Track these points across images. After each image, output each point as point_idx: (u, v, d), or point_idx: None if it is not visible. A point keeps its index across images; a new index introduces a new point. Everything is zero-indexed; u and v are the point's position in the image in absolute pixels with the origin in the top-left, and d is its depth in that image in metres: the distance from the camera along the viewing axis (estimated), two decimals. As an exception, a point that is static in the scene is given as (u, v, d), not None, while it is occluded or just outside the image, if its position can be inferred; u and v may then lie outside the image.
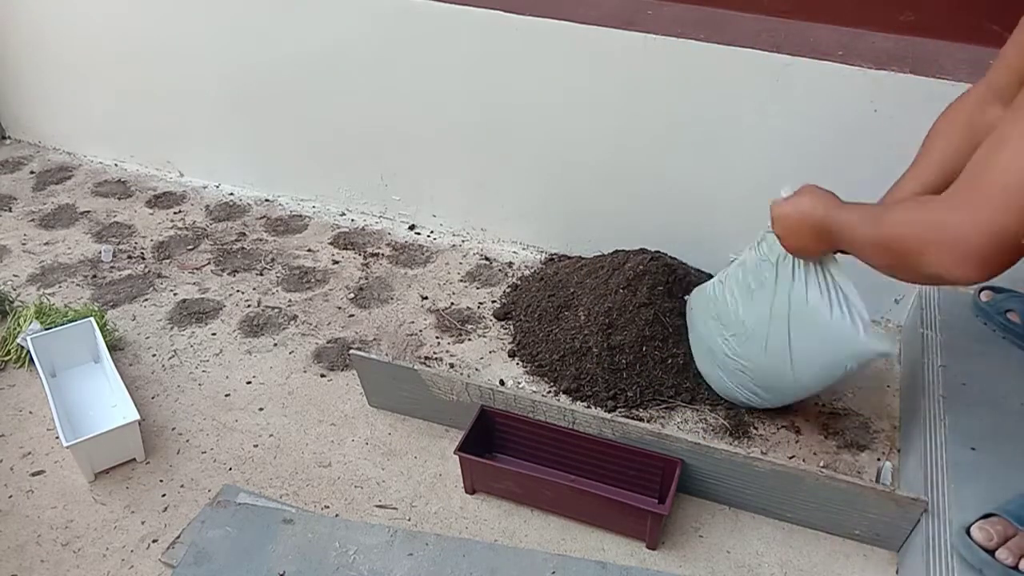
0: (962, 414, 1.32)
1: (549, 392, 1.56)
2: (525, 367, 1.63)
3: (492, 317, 1.78)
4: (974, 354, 1.44)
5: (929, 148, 1.22)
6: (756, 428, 1.49)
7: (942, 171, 1.17)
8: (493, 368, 1.64)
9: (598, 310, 1.59)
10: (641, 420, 1.47)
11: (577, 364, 1.56)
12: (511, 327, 1.74)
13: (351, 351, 1.47)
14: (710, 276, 1.77)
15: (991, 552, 1.05)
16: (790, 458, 1.41)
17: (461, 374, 1.60)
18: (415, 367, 1.42)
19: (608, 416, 1.32)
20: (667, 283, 1.62)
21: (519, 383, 1.59)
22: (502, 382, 1.59)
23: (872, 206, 1.14)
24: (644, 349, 1.54)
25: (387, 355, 1.56)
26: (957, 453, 1.24)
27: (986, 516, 1.10)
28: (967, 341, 1.47)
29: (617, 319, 1.56)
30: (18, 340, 1.60)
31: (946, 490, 1.18)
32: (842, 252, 1.24)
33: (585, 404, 1.52)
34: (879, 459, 1.42)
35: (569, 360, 1.58)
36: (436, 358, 1.66)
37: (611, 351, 1.55)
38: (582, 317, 1.61)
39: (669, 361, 1.55)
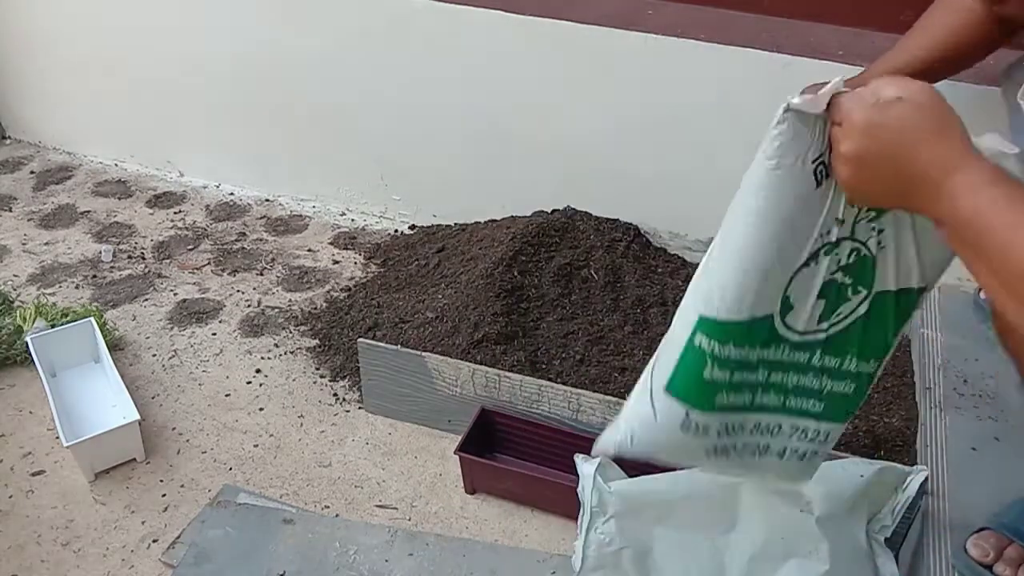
0: (962, 414, 1.32)
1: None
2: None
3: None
4: (974, 354, 1.44)
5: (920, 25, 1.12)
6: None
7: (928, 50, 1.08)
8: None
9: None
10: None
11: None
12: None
13: (359, 340, 1.47)
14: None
15: (988, 567, 1.05)
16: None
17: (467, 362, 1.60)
18: (422, 354, 1.42)
19: (614, 399, 1.33)
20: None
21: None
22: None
23: (1013, 188, 0.68)
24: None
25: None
26: (957, 453, 1.24)
27: (979, 530, 1.10)
28: (967, 341, 1.47)
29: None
30: (24, 338, 1.60)
31: (946, 491, 1.18)
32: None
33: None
34: (879, 459, 1.42)
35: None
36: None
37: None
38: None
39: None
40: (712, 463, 0.98)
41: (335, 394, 1.58)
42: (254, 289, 1.88)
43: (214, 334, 1.74)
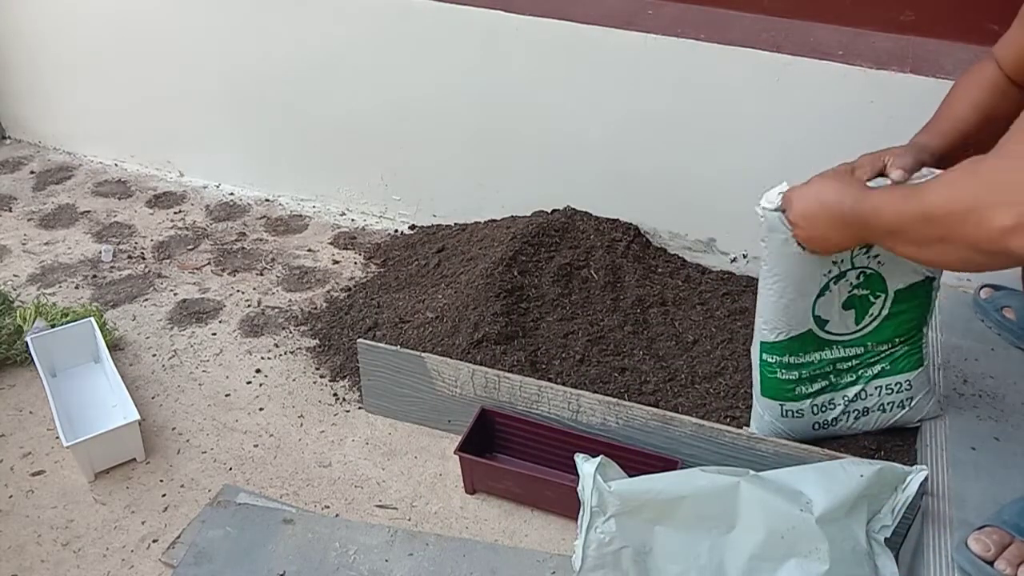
0: (962, 414, 1.32)
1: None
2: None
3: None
4: (974, 354, 1.44)
5: (947, 106, 1.19)
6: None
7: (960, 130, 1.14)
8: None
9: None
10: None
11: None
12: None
13: (358, 340, 1.47)
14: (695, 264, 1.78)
15: (989, 563, 1.05)
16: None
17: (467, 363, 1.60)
18: (422, 354, 1.42)
19: (613, 400, 1.33)
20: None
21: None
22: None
23: (906, 185, 1.02)
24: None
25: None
26: (957, 453, 1.25)
27: (981, 527, 1.10)
28: (967, 341, 1.47)
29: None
30: (24, 338, 1.60)
31: (946, 490, 1.18)
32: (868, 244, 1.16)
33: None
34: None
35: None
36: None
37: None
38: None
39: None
40: (824, 434, 1.33)
41: (335, 394, 1.58)
42: (254, 289, 1.88)
43: (214, 334, 1.74)
